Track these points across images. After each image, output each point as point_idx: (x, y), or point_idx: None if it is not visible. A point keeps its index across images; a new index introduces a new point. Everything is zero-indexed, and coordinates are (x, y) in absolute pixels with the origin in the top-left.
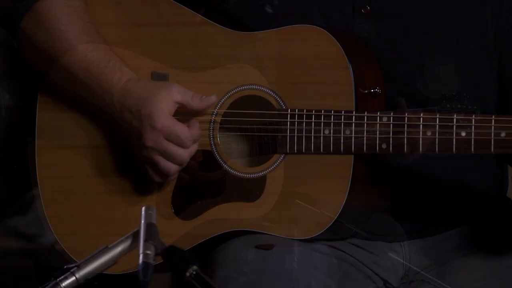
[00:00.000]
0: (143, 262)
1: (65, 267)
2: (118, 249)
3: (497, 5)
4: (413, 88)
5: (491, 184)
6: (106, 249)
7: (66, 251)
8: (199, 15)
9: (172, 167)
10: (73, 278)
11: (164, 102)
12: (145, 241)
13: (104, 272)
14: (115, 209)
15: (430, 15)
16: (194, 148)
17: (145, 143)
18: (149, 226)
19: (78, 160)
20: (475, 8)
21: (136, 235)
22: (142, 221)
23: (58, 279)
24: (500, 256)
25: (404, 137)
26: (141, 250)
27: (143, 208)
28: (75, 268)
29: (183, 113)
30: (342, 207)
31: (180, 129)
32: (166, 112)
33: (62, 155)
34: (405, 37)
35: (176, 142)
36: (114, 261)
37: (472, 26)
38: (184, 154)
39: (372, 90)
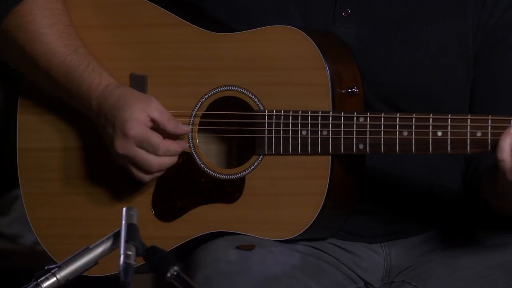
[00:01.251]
0: (124, 262)
1: (46, 267)
2: (99, 249)
3: (477, 10)
4: (392, 90)
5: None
6: (87, 250)
7: (49, 253)
8: (177, 17)
9: (143, 175)
10: (54, 279)
11: (140, 112)
12: (126, 241)
13: (86, 274)
14: (97, 211)
15: (410, 19)
16: (167, 159)
17: (116, 150)
18: (130, 226)
19: (59, 162)
20: (456, 13)
21: (117, 236)
22: (123, 222)
23: (39, 280)
24: (480, 256)
25: (380, 138)
26: (122, 251)
27: (124, 209)
28: (56, 268)
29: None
30: (320, 208)
31: (153, 136)
32: (140, 122)
33: (43, 158)
34: (385, 40)
35: (148, 149)
36: (95, 262)
37: (452, 31)
38: (154, 160)
39: (350, 90)
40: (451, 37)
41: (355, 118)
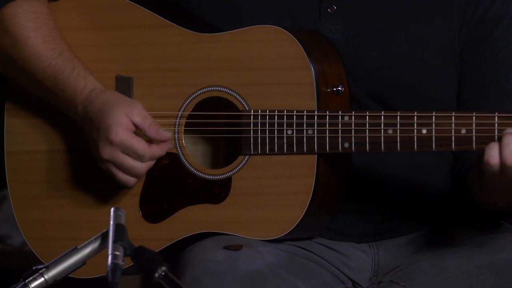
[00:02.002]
0: (112, 263)
1: (33, 267)
2: (87, 250)
3: (462, 5)
4: (379, 86)
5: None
6: (75, 250)
7: (37, 255)
8: (162, 18)
9: (129, 180)
10: (42, 279)
11: (123, 117)
12: (114, 242)
13: (74, 277)
14: (84, 213)
15: (396, 15)
16: (151, 163)
17: (102, 155)
18: (118, 227)
19: (46, 165)
20: (441, 10)
21: (105, 236)
22: (111, 222)
23: (26, 280)
24: (469, 256)
25: (366, 136)
26: (110, 251)
27: (112, 209)
28: (44, 269)
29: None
30: (307, 207)
31: (138, 143)
32: (124, 126)
33: (31, 161)
34: (371, 37)
35: (133, 156)
36: (83, 262)
37: (438, 27)
38: (141, 167)
39: (335, 89)
40: (438, 33)
41: (340, 117)
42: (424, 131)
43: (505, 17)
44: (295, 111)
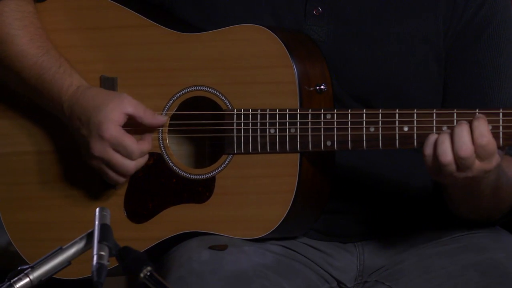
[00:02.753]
0: (97, 263)
1: (19, 268)
2: (72, 250)
3: (448, 9)
4: (364, 88)
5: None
6: (60, 250)
7: (23, 256)
8: (146, 18)
9: (119, 178)
10: (27, 279)
11: (114, 112)
12: (99, 242)
13: (60, 277)
14: (69, 214)
15: (381, 17)
16: (141, 160)
17: (92, 153)
18: (103, 227)
19: (31, 166)
20: (427, 13)
21: (90, 237)
22: (96, 222)
23: (12, 280)
24: (453, 256)
25: (348, 134)
26: (95, 251)
27: (97, 209)
28: (29, 269)
29: (133, 124)
30: (290, 205)
31: (128, 140)
32: (116, 123)
33: (16, 162)
34: (356, 38)
35: (123, 154)
36: (68, 262)
37: (423, 30)
38: (130, 165)
39: (318, 88)
40: (422, 36)
41: (322, 115)
42: (406, 129)
43: (491, 23)
44: (277, 110)
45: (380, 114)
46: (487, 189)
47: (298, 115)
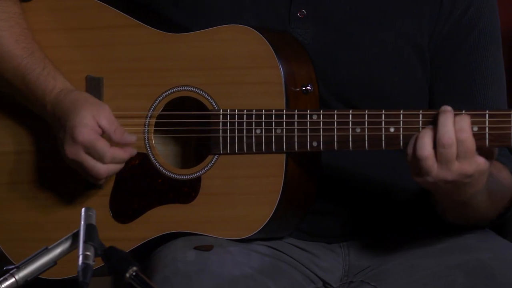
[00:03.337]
0: (83, 263)
1: (4, 268)
2: (58, 250)
3: (434, 12)
4: (350, 91)
5: None
6: (46, 251)
7: (9, 257)
8: (132, 18)
9: (92, 180)
10: (13, 280)
11: (89, 119)
12: (85, 242)
13: (45, 277)
14: (55, 214)
15: (366, 20)
16: (113, 167)
17: (66, 155)
18: (89, 227)
19: (16, 166)
20: (413, 16)
21: (76, 236)
22: (82, 222)
23: None
24: (439, 257)
25: (334, 135)
26: (80, 251)
27: (83, 209)
28: (15, 269)
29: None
30: (276, 205)
31: (100, 144)
32: (89, 127)
33: (1, 162)
34: (341, 41)
35: (95, 157)
36: (54, 262)
37: (409, 33)
38: (101, 168)
39: (304, 88)
40: (407, 38)
41: (308, 115)
42: (392, 130)
43: (477, 26)
44: (263, 111)
45: (366, 115)
46: (474, 198)
47: (284, 115)
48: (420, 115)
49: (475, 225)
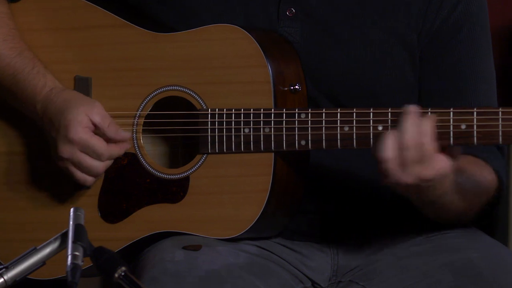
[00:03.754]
0: (72, 263)
1: None
2: (47, 250)
3: (422, 10)
4: (338, 90)
5: None
6: (34, 251)
7: None
8: (120, 18)
9: (87, 179)
10: (1, 280)
11: (83, 116)
12: (74, 242)
13: (34, 278)
14: (43, 214)
15: (354, 18)
16: (109, 163)
17: (61, 154)
18: (78, 227)
19: (4, 167)
20: (401, 14)
21: (64, 237)
22: (71, 222)
23: None
24: (427, 256)
25: (322, 133)
26: (69, 251)
27: (72, 209)
28: (4, 269)
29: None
30: (264, 205)
31: (96, 142)
32: (83, 125)
33: None
34: (329, 40)
35: (92, 155)
36: (43, 262)
37: (398, 31)
38: (99, 166)
39: (292, 87)
40: (396, 36)
41: (296, 114)
42: (380, 128)
43: (466, 23)
44: (252, 110)
45: (354, 113)
46: (442, 198)
47: (272, 114)
48: None
49: (452, 222)
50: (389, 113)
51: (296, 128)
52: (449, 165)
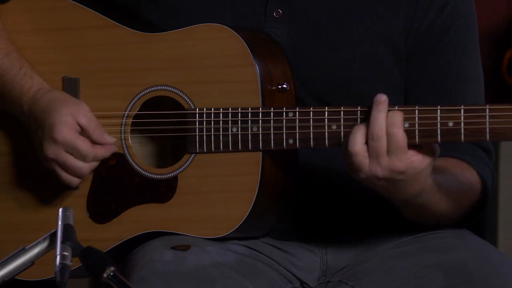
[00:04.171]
0: (61, 263)
1: None
2: (35, 250)
3: (410, 11)
4: (326, 90)
5: None
6: (23, 251)
7: None
8: (108, 19)
9: (73, 180)
10: None
11: (68, 117)
12: (63, 242)
13: (22, 278)
14: (32, 215)
15: (341, 19)
16: (94, 164)
17: (46, 154)
18: (66, 227)
19: None
20: (388, 15)
21: (53, 237)
22: (59, 222)
23: None
24: (417, 256)
25: (310, 132)
26: (58, 252)
27: (60, 209)
28: None
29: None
30: (252, 204)
31: (81, 143)
32: (69, 126)
33: None
34: (316, 41)
35: (76, 156)
36: (31, 263)
37: (385, 32)
38: (84, 167)
39: (280, 86)
40: (383, 37)
41: (284, 113)
42: None
43: (453, 26)
44: (239, 109)
45: (342, 112)
46: (419, 198)
47: (260, 113)
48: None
49: (435, 224)
50: None
51: (284, 127)
52: (424, 161)
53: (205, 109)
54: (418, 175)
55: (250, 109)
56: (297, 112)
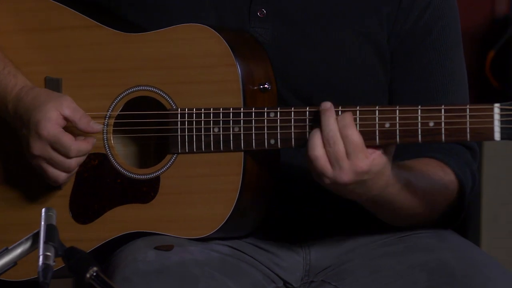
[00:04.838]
0: (43, 263)
1: None
2: (18, 250)
3: (393, 11)
4: (310, 90)
5: None
6: (6, 251)
7: None
8: (90, 19)
9: (60, 175)
10: None
11: (52, 112)
12: (45, 242)
13: (5, 279)
14: (14, 215)
15: (325, 19)
16: (80, 159)
17: (32, 151)
18: (49, 227)
19: None
20: (372, 14)
21: (36, 237)
22: (42, 223)
23: None
24: (401, 256)
25: (291, 132)
26: (41, 252)
27: (43, 210)
28: None
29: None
30: (234, 204)
31: (66, 139)
32: (53, 121)
33: None
34: (300, 41)
35: (61, 152)
36: (14, 263)
37: (369, 31)
38: (71, 163)
39: (262, 87)
40: (366, 37)
41: (265, 113)
42: None
43: (436, 26)
44: (221, 109)
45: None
46: (385, 195)
47: (241, 113)
48: (377, 111)
49: (412, 226)
50: (358, 111)
51: (265, 127)
52: (383, 155)
53: (186, 109)
54: (382, 170)
55: (231, 109)
56: (278, 113)
